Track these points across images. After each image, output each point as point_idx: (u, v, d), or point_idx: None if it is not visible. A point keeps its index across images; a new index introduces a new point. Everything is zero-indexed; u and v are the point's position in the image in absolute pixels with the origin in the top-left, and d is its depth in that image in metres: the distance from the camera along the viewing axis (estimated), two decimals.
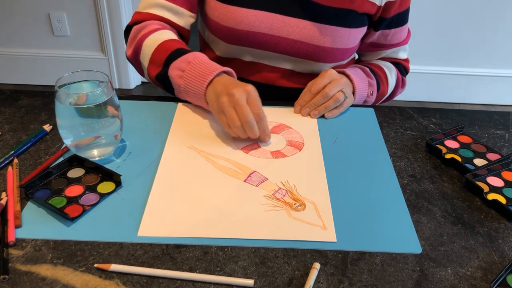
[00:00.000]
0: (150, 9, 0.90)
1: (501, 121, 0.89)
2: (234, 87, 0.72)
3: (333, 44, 0.88)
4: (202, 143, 0.76)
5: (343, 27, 0.87)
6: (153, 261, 0.56)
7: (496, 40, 2.25)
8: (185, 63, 0.79)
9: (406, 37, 0.99)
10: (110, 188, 0.65)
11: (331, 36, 0.88)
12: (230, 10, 0.87)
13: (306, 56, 0.90)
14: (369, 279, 0.55)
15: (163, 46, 0.83)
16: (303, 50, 0.89)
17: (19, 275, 0.53)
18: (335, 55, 0.91)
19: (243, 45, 0.90)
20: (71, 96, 0.67)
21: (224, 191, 0.66)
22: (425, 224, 0.64)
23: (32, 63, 2.31)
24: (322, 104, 0.84)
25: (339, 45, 0.89)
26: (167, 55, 0.81)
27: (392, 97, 1.04)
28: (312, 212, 0.63)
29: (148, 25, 0.87)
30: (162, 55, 0.82)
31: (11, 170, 0.67)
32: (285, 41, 0.88)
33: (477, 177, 0.71)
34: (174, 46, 0.82)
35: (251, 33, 0.88)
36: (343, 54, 0.92)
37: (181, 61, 0.80)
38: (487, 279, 0.56)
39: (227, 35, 0.89)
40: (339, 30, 0.87)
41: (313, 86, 0.85)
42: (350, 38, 0.90)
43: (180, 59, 0.80)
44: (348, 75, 0.89)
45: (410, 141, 0.81)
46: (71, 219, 0.60)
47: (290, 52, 0.90)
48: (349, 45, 0.91)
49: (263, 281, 0.54)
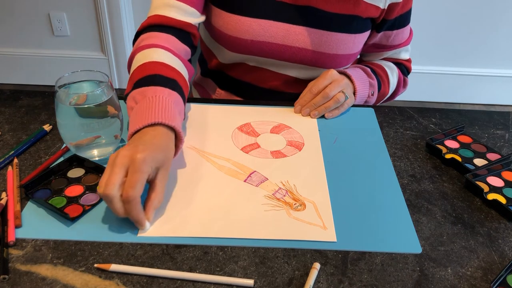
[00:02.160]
0: (157, 10, 0.85)
1: (501, 121, 0.89)
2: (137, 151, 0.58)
3: (338, 51, 0.88)
4: (202, 143, 0.76)
5: (348, 33, 0.87)
6: (153, 261, 0.56)
7: (496, 40, 2.25)
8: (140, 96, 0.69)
9: (408, 37, 0.99)
10: None
11: (336, 43, 0.87)
12: (233, 19, 0.86)
13: (311, 63, 0.90)
14: (369, 279, 0.55)
15: (143, 68, 0.74)
16: (308, 57, 0.89)
17: (19, 275, 0.53)
18: (340, 61, 0.91)
19: (247, 54, 0.90)
20: (71, 96, 0.67)
21: (224, 191, 0.66)
22: (425, 224, 0.64)
23: (32, 63, 2.31)
24: (322, 104, 0.84)
25: (344, 51, 0.89)
26: (138, 78, 0.72)
27: (393, 97, 1.04)
28: (312, 212, 0.63)
29: (151, 38, 0.81)
30: (136, 76, 0.73)
31: (11, 170, 0.67)
32: (290, 49, 0.88)
33: (477, 177, 0.71)
34: (151, 70, 0.73)
35: (255, 42, 0.87)
36: (348, 59, 0.92)
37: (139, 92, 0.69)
38: (487, 279, 0.56)
39: (230, 43, 0.89)
40: (343, 36, 0.87)
41: (313, 86, 0.85)
42: (355, 43, 0.89)
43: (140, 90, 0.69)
44: (349, 76, 0.88)
45: (410, 141, 0.81)
46: (71, 219, 0.60)
47: (294, 59, 0.90)
48: (354, 51, 0.91)
49: (263, 281, 0.54)
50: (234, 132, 0.79)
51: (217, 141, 0.76)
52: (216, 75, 1.01)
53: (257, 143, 0.77)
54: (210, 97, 1.04)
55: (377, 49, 0.99)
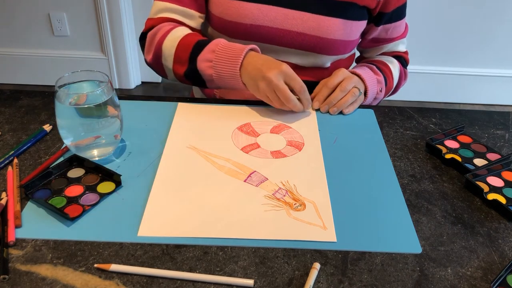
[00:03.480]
0: (160, 13, 0.92)
1: (501, 121, 0.89)
2: (268, 69, 0.77)
3: (335, 36, 0.90)
4: (202, 143, 0.76)
5: (345, 19, 0.90)
6: (153, 261, 0.56)
7: (496, 40, 2.25)
8: (210, 53, 0.82)
9: (405, 30, 1.03)
10: (110, 188, 0.65)
11: (333, 28, 0.90)
12: (233, 4, 0.88)
13: (310, 48, 0.92)
14: (369, 279, 0.55)
15: (183, 44, 0.85)
16: (307, 42, 0.91)
17: (19, 275, 0.53)
18: (338, 47, 0.93)
19: (247, 39, 0.91)
20: (71, 96, 0.67)
21: (224, 191, 0.66)
22: (425, 224, 0.64)
23: (32, 63, 2.31)
24: (341, 99, 0.86)
25: (341, 37, 0.91)
26: (189, 51, 0.84)
27: (396, 90, 1.07)
28: (312, 212, 0.63)
29: (162, 28, 0.89)
30: (184, 53, 0.85)
31: (11, 170, 0.67)
32: (289, 34, 0.90)
33: (477, 177, 0.71)
34: (193, 40, 0.85)
35: (255, 26, 0.89)
36: (345, 46, 0.94)
37: (206, 52, 0.82)
38: (487, 279, 0.56)
39: (230, 29, 0.91)
40: (341, 22, 0.90)
41: (328, 82, 0.87)
42: (352, 30, 0.92)
43: (204, 51, 0.83)
44: (359, 75, 0.91)
45: (410, 141, 0.81)
46: (71, 219, 0.60)
47: (294, 44, 0.92)
48: (351, 38, 0.93)
49: (263, 281, 0.54)
50: (234, 132, 0.79)
51: (217, 141, 0.77)
52: None
53: (257, 143, 0.77)
54: (211, 93, 1.04)
55: (377, 43, 1.02)
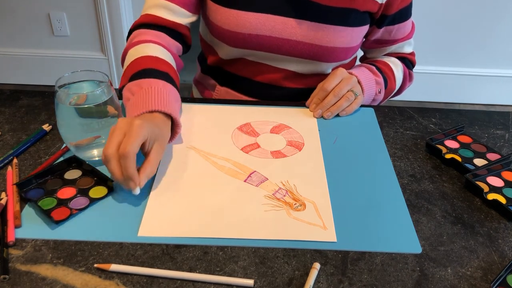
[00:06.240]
0: (149, 10, 0.90)
1: (501, 121, 0.89)
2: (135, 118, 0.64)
3: (336, 44, 0.89)
4: (202, 143, 0.76)
5: (345, 27, 0.87)
6: (153, 261, 0.56)
7: (496, 40, 2.25)
8: (137, 87, 0.73)
9: (411, 31, 0.99)
10: (101, 193, 0.64)
11: (333, 36, 0.88)
12: (231, 13, 0.87)
13: (309, 56, 0.90)
14: (369, 279, 0.55)
15: (137, 62, 0.79)
16: (306, 50, 0.89)
17: (19, 275, 0.53)
18: (338, 55, 0.91)
19: (246, 48, 0.90)
20: (71, 96, 0.67)
21: (224, 191, 0.66)
22: (425, 224, 0.64)
23: (32, 63, 2.31)
24: (334, 104, 0.85)
25: (342, 45, 0.89)
26: (133, 72, 0.77)
27: (400, 92, 1.05)
28: (312, 212, 0.63)
29: (142, 34, 0.86)
30: (131, 71, 0.78)
31: (10, 170, 0.67)
32: (288, 43, 0.88)
33: (477, 177, 0.71)
34: (145, 65, 0.77)
35: (254, 36, 0.88)
36: (346, 53, 0.92)
37: (135, 84, 0.74)
38: (487, 279, 0.56)
39: (229, 38, 0.89)
40: (341, 29, 0.87)
41: (325, 84, 0.86)
42: (353, 37, 0.90)
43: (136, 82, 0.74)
44: (356, 76, 0.89)
45: (410, 141, 0.81)
46: (56, 222, 0.59)
47: (293, 53, 0.90)
48: (352, 44, 0.91)
49: (263, 281, 0.54)
50: (234, 132, 0.79)
51: (217, 141, 0.76)
52: (216, 71, 1.01)
53: (257, 143, 0.77)
54: (210, 95, 1.04)
55: (380, 44, 0.99)
